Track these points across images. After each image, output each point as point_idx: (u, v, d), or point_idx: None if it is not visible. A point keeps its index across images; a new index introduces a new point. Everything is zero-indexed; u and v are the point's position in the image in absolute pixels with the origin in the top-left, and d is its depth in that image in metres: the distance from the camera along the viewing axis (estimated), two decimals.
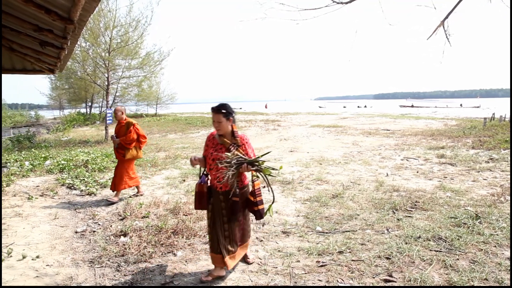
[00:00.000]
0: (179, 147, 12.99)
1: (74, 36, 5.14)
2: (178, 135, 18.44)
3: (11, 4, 4.40)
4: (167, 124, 22.82)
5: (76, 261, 4.03)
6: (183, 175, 8.15)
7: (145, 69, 27.07)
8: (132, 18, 24.14)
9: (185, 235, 4.56)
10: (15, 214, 5.71)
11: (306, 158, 10.18)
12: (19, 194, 6.88)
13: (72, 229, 5.05)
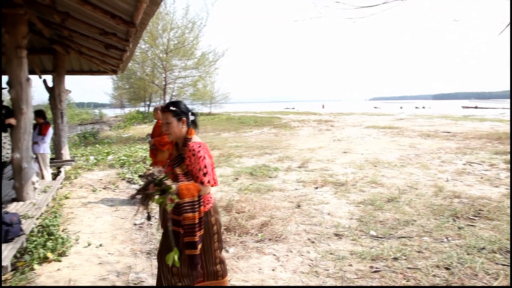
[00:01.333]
0: (232, 146, 13.22)
1: (136, 39, 5.42)
2: (231, 134, 18.77)
3: (81, 11, 4.74)
4: (221, 123, 23.33)
5: (135, 251, 4.26)
6: (236, 174, 8.30)
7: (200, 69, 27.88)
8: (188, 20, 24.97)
9: (237, 233, 4.65)
10: (81, 204, 6.16)
11: (360, 159, 9.93)
12: (85, 186, 7.41)
13: (131, 221, 5.33)
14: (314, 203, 5.92)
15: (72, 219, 5.39)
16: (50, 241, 4.24)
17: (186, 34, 25.19)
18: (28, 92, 5.17)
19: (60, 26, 5.87)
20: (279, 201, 6.11)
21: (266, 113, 31.76)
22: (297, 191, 6.76)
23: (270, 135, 17.59)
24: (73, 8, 4.83)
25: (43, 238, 4.31)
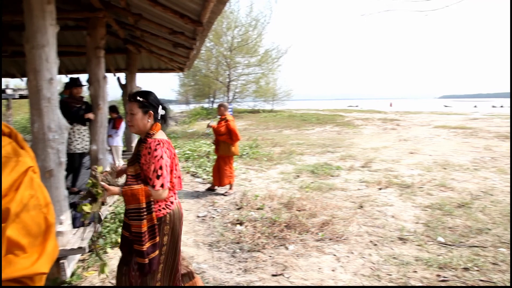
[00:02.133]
0: (294, 143, 13.19)
1: (202, 37, 5.59)
2: (293, 131, 18.72)
3: (153, 12, 4.98)
4: (283, 120, 23.34)
5: (197, 242, 4.43)
6: (298, 171, 8.27)
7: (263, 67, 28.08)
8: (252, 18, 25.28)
9: (298, 230, 4.64)
10: None
11: (428, 161, 9.40)
12: None
13: (195, 214, 5.54)
14: (378, 205, 5.72)
15: None
16: (121, 227, 4.55)
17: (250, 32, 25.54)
18: (105, 89, 5.57)
19: (133, 27, 6.22)
20: (340, 200, 5.99)
21: (328, 110, 31.18)
22: (359, 191, 6.58)
23: (332, 133, 17.29)
24: (145, 10, 5.10)
25: (115, 224, 4.64)
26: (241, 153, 10.49)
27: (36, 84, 2.98)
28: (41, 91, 2.99)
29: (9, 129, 1.03)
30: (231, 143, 6.47)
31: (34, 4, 3.00)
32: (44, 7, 3.05)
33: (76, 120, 5.36)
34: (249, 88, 30.71)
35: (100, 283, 3.44)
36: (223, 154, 6.57)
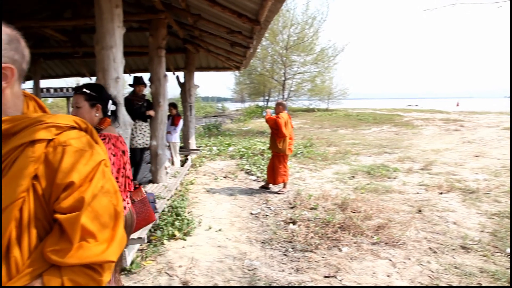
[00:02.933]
0: (349, 143, 12.90)
1: (259, 36, 5.63)
2: (348, 130, 18.32)
3: (211, 12, 5.11)
4: (338, 119, 22.92)
5: (250, 239, 4.48)
6: (353, 172, 8.08)
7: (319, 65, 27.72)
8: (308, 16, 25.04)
9: (352, 232, 4.53)
10: (204, 190, 6.72)
11: (496, 165, 8.74)
12: (208, 174, 8.05)
13: (248, 211, 5.61)
14: (438, 210, 5.43)
15: (196, 203, 5.91)
16: (178, 221, 4.73)
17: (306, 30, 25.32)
18: (165, 87, 5.82)
19: (192, 27, 6.42)
20: (398, 204, 5.76)
21: (386, 110, 30.08)
22: (418, 195, 6.28)
23: (390, 134, 16.66)
24: (204, 10, 5.25)
25: (172, 217, 4.83)
26: (295, 152, 10.45)
27: (104, 82, 3.18)
28: (109, 89, 3.18)
29: (85, 125, 1.11)
30: (276, 138, 6.49)
31: (104, 8, 3.20)
32: (113, 10, 3.24)
33: (138, 116, 5.64)
34: (304, 86, 30.48)
35: (156, 272, 3.60)
36: (273, 150, 6.65)
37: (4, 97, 1.00)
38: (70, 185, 0.96)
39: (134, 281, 3.45)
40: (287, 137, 6.47)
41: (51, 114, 1.06)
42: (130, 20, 5.61)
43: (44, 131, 0.98)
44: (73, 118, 1.08)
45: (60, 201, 0.96)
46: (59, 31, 6.99)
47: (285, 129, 6.41)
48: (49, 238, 0.96)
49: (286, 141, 6.49)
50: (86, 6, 6.61)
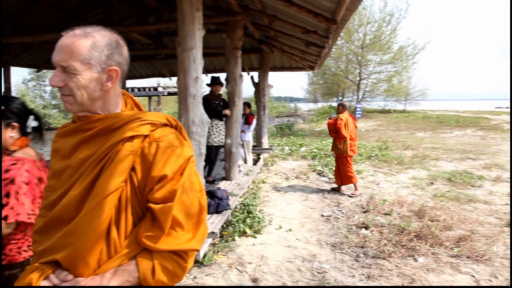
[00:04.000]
0: (428, 147, 12.13)
1: (335, 35, 5.53)
2: (427, 133, 17.23)
3: (287, 13, 5.12)
4: (416, 121, 21.67)
5: (320, 241, 4.41)
6: (432, 177, 7.59)
7: (397, 64, 26.46)
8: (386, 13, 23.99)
9: (429, 242, 4.25)
10: (276, 190, 6.77)
11: None
12: (279, 173, 8.10)
13: (319, 212, 5.53)
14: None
15: (267, 202, 5.98)
16: (249, 218, 4.82)
17: (383, 28, 24.29)
18: (241, 86, 5.97)
19: (268, 28, 6.50)
20: (482, 215, 5.29)
21: (470, 112, 27.71)
22: (508, 206, 5.71)
23: (475, 138, 15.34)
24: (280, 10, 5.28)
25: (243, 215, 4.94)
26: (369, 154, 10.10)
27: (185, 82, 3.35)
28: (188, 88, 3.35)
29: (175, 122, 1.20)
30: (337, 140, 6.45)
31: (186, 12, 3.37)
32: (194, 14, 3.40)
33: (214, 115, 5.84)
34: (380, 87, 29.25)
35: (227, 267, 3.70)
36: (335, 152, 6.62)
37: (109, 96, 1.13)
38: (163, 178, 1.05)
39: (205, 273, 3.58)
40: (347, 138, 6.37)
41: (146, 112, 1.17)
42: (208, 22, 5.83)
43: (141, 127, 1.09)
44: (165, 116, 1.18)
45: (153, 192, 1.05)
46: (143, 35, 7.51)
47: (345, 130, 6.34)
48: (143, 225, 1.07)
49: (346, 142, 6.40)
50: (169, 11, 7.03)
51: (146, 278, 1.02)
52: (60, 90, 1.07)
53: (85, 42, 1.03)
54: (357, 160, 9.47)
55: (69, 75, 1.03)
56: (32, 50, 8.25)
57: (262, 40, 7.87)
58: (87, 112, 1.11)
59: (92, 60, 1.04)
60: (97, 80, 1.07)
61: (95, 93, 1.08)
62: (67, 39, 1.04)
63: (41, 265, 1.06)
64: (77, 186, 1.06)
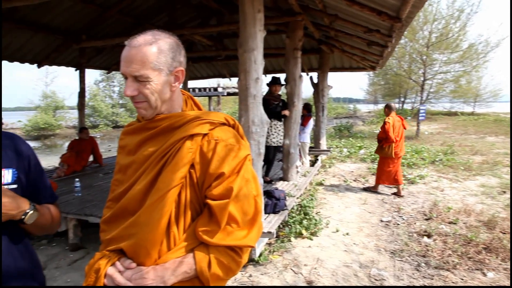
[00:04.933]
0: (500, 153, 11.24)
1: (399, 34, 5.32)
2: (499, 138, 15.97)
3: (349, 12, 5.02)
4: (486, 124, 20.22)
5: (379, 247, 4.27)
6: (504, 186, 7.03)
7: (465, 63, 24.83)
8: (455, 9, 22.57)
9: (501, 256, 3.94)
10: (333, 192, 6.66)
11: None
12: (337, 176, 7.96)
13: (378, 217, 5.36)
14: None
15: (324, 204, 5.90)
16: (305, 220, 4.80)
17: (451, 25, 22.88)
18: (300, 87, 5.95)
19: (328, 28, 6.41)
20: None
21: None
22: None
23: None
24: (341, 10, 5.18)
25: (300, 216, 4.92)
26: (433, 159, 9.60)
27: (246, 83, 3.41)
28: (249, 89, 3.40)
29: (233, 121, 1.25)
30: (384, 143, 6.36)
31: (247, 14, 3.43)
32: (255, 15, 3.45)
33: (273, 115, 5.86)
34: (447, 87, 27.59)
35: (282, 267, 3.71)
36: (379, 153, 6.56)
37: (175, 96, 1.19)
38: (221, 175, 1.09)
39: (260, 272, 3.62)
40: (394, 141, 6.30)
41: (206, 112, 1.22)
42: (268, 23, 5.87)
43: (200, 126, 1.14)
44: (223, 115, 1.22)
45: (211, 189, 1.10)
46: (205, 37, 7.75)
47: (393, 133, 6.26)
48: (200, 219, 1.12)
49: (392, 145, 6.33)
50: (230, 13, 7.19)
51: (202, 271, 1.07)
52: (133, 98, 1.13)
53: (151, 49, 1.09)
54: (419, 164, 9.04)
55: (142, 83, 1.10)
56: (103, 53, 8.87)
57: (322, 40, 7.78)
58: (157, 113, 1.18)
59: (161, 65, 1.10)
60: (167, 82, 1.13)
61: (166, 95, 1.14)
62: (133, 50, 1.09)
63: (108, 253, 1.15)
64: (141, 181, 1.13)
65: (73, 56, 8.26)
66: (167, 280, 1.06)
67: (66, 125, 30.24)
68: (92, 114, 30.40)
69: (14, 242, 1.17)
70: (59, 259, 4.15)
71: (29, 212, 1.15)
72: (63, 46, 7.53)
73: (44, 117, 28.35)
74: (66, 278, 3.72)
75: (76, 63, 8.40)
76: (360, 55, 8.18)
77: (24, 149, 1.25)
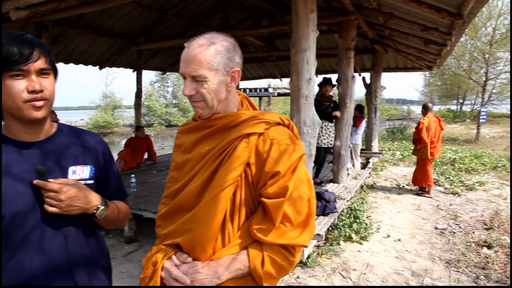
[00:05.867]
0: None
1: (459, 32, 5.05)
2: None
3: (405, 10, 4.84)
4: None
5: (433, 256, 4.08)
6: None
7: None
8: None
9: None
10: (384, 196, 6.46)
11: None
12: (389, 179, 7.70)
13: (433, 224, 5.12)
14: None
15: (375, 208, 5.74)
16: (355, 223, 4.70)
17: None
18: (352, 88, 5.83)
19: (383, 26, 6.21)
20: None
21: None
22: None
23: None
24: (397, 8, 5.00)
25: (350, 219, 4.83)
26: (495, 164, 9.00)
27: (298, 83, 3.41)
28: (301, 89, 3.39)
29: (288, 122, 1.25)
30: (418, 144, 6.39)
31: (300, 14, 3.42)
32: (308, 15, 3.43)
33: (324, 116, 5.78)
34: None
35: (330, 271, 3.66)
36: (416, 154, 6.57)
37: (230, 96, 1.23)
38: (276, 174, 1.10)
39: (308, 274, 3.60)
40: (428, 143, 6.28)
41: (262, 111, 1.23)
42: (320, 23, 5.81)
43: (256, 126, 1.16)
44: (279, 115, 1.23)
45: (266, 187, 1.11)
46: (257, 38, 7.82)
47: (426, 134, 6.23)
48: (254, 217, 1.13)
49: (427, 146, 6.30)
50: (281, 14, 7.20)
51: (256, 268, 1.08)
52: (191, 97, 1.17)
53: (209, 50, 1.12)
54: (479, 170, 8.51)
55: (199, 83, 1.13)
56: (159, 55, 9.24)
57: (376, 39, 7.57)
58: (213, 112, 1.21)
59: (218, 65, 1.13)
60: (223, 82, 1.16)
61: (222, 94, 1.17)
62: (192, 51, 1.13)
63: (165, 247, 1.20)
64: (198, 178, 1.17)
65: (131, 58, 8.69)
66: (221, 276, 1.09)
67: (123, 124, 31.92)
68: (147, 113, 31.78)
69: (88, 233, 1.26)
70: (115, 250, 4.39)
71: (100, 208, 1.22)
72: (122, 49, 7.95)
73: (103, 115, 30.15)
74: (121, 268, 3.93)
75: (134, 65, 8.83)
76: (416, 55, 7.85)
77: (101, 149, 1.33)
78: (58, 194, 1.10)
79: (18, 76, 1.05)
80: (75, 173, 1.21)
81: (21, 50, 1.03)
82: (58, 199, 1.10)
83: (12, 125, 1.13)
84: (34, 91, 1.06)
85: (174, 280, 1.11)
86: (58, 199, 1.10)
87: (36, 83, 1.06)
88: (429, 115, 6.41)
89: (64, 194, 1.10)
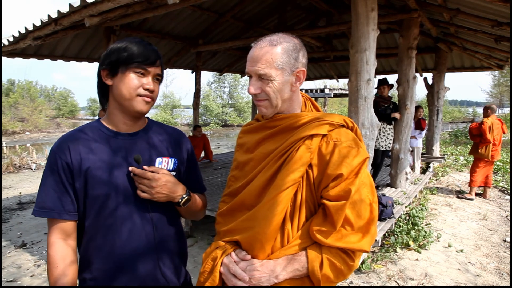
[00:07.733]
0: None
1: None
2: None
3: (473, 5, 4.55)
4: None
5: (501, 271, 3.79)
6: None
7: None
8: None
9: None
10: (446, 203, 6.11)
11: None
12: (451, 186, 7.27)
13: (500, 236, 4.76)
14: None
15: (435, 216, 5.44)
16: (414, 231, 4.49)
17: None
18: (414, 89, 5.58)
19: (448, 24, 5.89)
20: None
21: None
22: None
23: None
24: (464, 3, 4.71)
25: (408, 226, 4.62)
26: None
27: (356, 84, 3.32)
28: (360, 90, 3.31)
29: (352, 124, 1.23)
30: (480, 144, 6.24)
31: (360, 13, 3.34)
32: (368, 14, 3.34)
33: (383, 118, 5.58)
34: None
35: (386, 278, 3.52)
36: (475, 155, 6.39)
37: (295, 96, 1.23)
38: (339, 176, 1.08)
39: (362, 280, 3.50)
40: (491, 143, 6.13)
41: (325, 113, 1.22)
42: (381, 22, 5.63)
43: (320, 127, 1.15)
44: (343, 117, 1.21)
45: (329, 189, 1.10)
46: (314, 38, 7.74)
47: (489, 134, 6.09)
48: (315, 219, 1.12)
49: (489, 146, 6.16)
50: (339, 14, 7.07)
51: (314, 270, 1.07)
52: (255, 96, 1.19)
53: (276, 50, 1.13)
54: None
55: (265, 82, 1.15)
56: (217, 56, 9.46)
57: (440, 38, 7.18)
58: (276, 112, 1.22)
59: (283, 65, 1.14)
60: (288, 82, 1.16)
61: (286, 94, 1.18)
62: (259, 50, 1.15)
63: (224, 243, 1.22)
64: (260, 177, 1.17)
65: (190, 60, 8.99)
66: (279, 275, 1.09)
67: (181, 123, 33.14)
68: (204, 113, 32.76)
69: (171, 220, 1.37)
70: None
71: (185, 197, 1.32)
72: (182, 51, 8.24)
73: (163, 115, 31.51)
74: None
75: (192, 66, 9.12)
76: (485, 53, 7.34)
77: (185, 144, 1.45)
78: (150, 181, 1.22)
79: (140, 74, 1.23)
80: (161, 164, 1.32)
81: (150, 54, 1.24)
82: (150, 186, 1.22)
83: (116, 115, 1.29)
84: (148, 89, 1.24)
85: (233, 276, 1.12)
86: (150, 185, 1.22)
87: (151, 84, 1.25)
88: (492, 117, 6.25)
89: (155, 181, 1.22)
